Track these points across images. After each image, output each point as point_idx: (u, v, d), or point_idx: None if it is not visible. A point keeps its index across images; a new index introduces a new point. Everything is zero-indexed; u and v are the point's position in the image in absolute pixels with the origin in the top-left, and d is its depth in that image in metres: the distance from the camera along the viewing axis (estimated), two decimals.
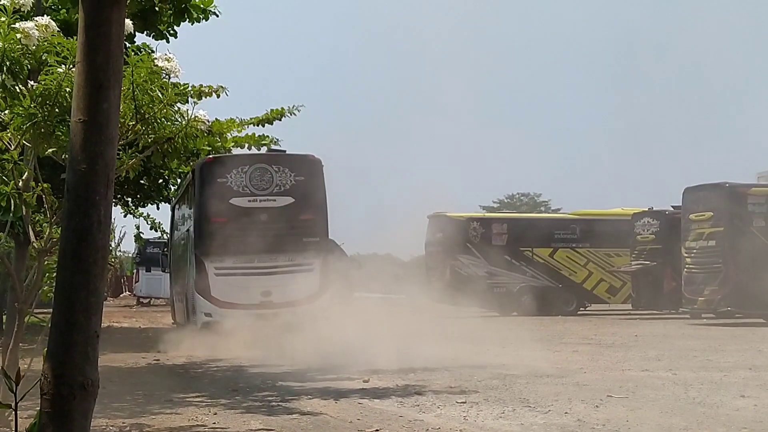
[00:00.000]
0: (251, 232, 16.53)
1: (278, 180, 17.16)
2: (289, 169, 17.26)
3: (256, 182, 17.07)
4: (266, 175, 17.15)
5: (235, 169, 16.98)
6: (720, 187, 24.30)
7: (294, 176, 17.23)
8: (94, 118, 3.03)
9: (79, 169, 3.03)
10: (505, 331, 20.80)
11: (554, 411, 8.33)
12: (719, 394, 9.47)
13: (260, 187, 17.08)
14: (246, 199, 16.95)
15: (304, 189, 17.18)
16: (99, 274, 3.08)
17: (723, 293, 23.43)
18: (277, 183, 17.16)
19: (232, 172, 16.96)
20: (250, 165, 17.09)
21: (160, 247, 38.99)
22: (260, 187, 17.08)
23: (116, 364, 13.24)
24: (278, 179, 17.17)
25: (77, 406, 3.06)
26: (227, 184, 16.85)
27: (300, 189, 17.19)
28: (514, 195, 73.28)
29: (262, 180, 17.10)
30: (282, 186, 17.16)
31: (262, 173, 17.13)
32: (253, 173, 17.06)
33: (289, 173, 17.22)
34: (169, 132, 6.08)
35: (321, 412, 8.37)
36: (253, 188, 17.03)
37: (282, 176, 17.18)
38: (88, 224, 3.01)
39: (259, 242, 16.40)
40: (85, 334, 3.05)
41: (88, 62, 3.05)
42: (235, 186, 16.94)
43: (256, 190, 17.04)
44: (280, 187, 17.15)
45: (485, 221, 31.63)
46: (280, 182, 17.17)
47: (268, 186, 17.11)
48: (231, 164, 17.01)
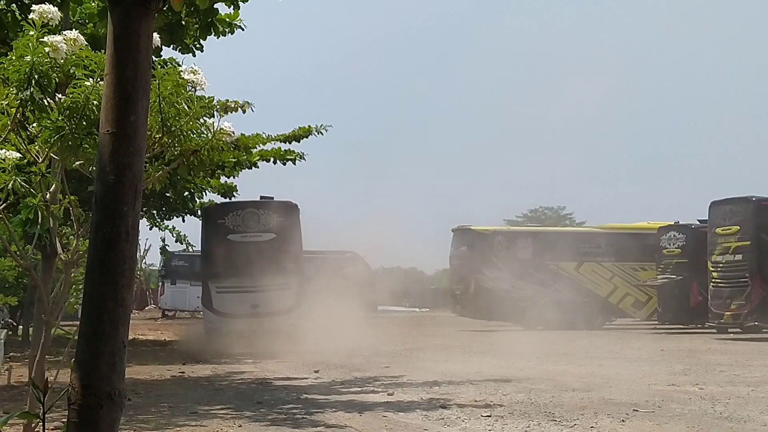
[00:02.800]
0: (243, 260, 20.91)
1: (264, 221, 21.84)
2: (272, 212, 21.94)
3: (247, 223, 21.74)
4: (255, 217, 21.84)
5: (231, 213, 21.66)
6: (746, 200, 24.15)
7: (276, 218, 21.84)
8: (122, 129, 3.05)
9: (108, 180, 3.04)
10: (530, 345, 20.73)
11: (580, 425, 8.29)
12: (746, 409, 9.39)
13: (250, 226, 21.72)
14: (239, 236, 21.56)
15: (283, 227, 21.70)
16: (126, 285, 3.09)
17: (750, 307, 23.26)
18: (263, 223, 21.82)
19: (229, 215, 21.66)
20: (242, 210, 21.80)
21: (185, 259, 39.23)
22: (250, 226, 21.72)
23: (141, 376, 13.29)
24: (264, 220, 21.85)
25: (104, 416, 3.06)
26: (225, 224, 21.58)
27: (280, 227, 21.70)
28: (538, 209, 73.11)
29: (251, 221, 21.76)
30: (266, 225, 21.80)
31: (252, 215, 21.84)
32: (245, 216, 21.79)
33: (272, 215, 21.89)
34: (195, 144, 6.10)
35: (345, 425, 8.37)
36: (244, 227, 21.70)
37: (266, 218, 21.85)
38: (116, 235, 3.02)
39: (249, 268, 20.85)
40: (112, 344, 3.06)
41: (116, 74, 3.07)
42: (231, 225, 21.62)
43: (246, 228, 21.67)
44: (265, 226, 21.78)
45: (510, 234, 31.59)
46: (265, 222, 21.83)
47: (256, 225, 21.77)
48: (228, 209, 21.58)
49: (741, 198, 24.44)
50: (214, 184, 17.84)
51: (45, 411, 3.41)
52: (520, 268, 29.93)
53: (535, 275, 30.06)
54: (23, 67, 5.13)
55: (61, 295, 5.87)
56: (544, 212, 72.38)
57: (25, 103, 5.22)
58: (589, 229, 34.50)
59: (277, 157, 16.18)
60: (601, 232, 31.85)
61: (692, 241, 27.00)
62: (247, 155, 15.93)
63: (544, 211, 72.65)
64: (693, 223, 28.09)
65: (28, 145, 5.65)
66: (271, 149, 16.29)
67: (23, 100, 5.19)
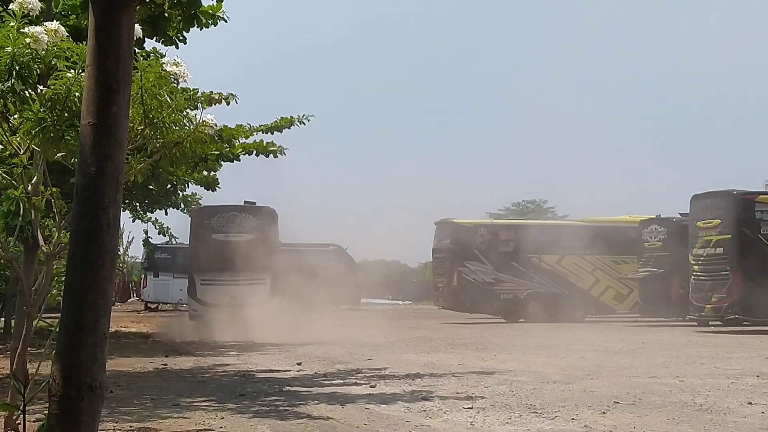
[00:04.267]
0: (225, 257, 23.40)
1: (244, 223, 24.51)
2: (252, 216, 24.69)
3: (229, 224, 24.43)
4: (236, 219, 24.52)
5: (216, 215, 24.38)
6: (727, 194, 24.27)
7: (255, 221, 24.54)
8: (103, 121, 3.05)
9: (89, 172, 3.04)
10: (512, 338, 20.81)
11: (561, 417, 8.33)
12: (727, 401, 9.46)
13: (232, 227, 24.40)
14: (222, 235, 24.21)
15: (262, 229, 24.30)
16: (108, 277, 3.09)
17: (730, 301, 23.40)
18: (244, 225, 24.46)
19: (215, 217, 24.36)
20: (226, 213, 24.53)
21: (168, 252, 39.11)
22: (232, 227, 24.40)
23: (124, 368, 13.26)
24: (244, 222, 24.53)
25: (85, 407, 3.07)
26: (211, 225, 24.29)
27: (258, 229, 24.30)
28: (521, 202, 73.24)
29: (233, 223, 24.46)
30: (247, 227, 24.43)
31: (234, 218, 24.55)
32: (228, 218, 24.51)
33: (252, 218, 24.62)
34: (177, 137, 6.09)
35: (328, 416, 8.38)
36: (227, 228, 24.37)
37: (247, 221, 24.55)
38: (97, 227, 3.03)
39: (230, 263, 23.27)
40: (93, 336, 3.06)
41: (98, 65, 3.07)
42: (216, 226, 24.33)
43: (229, 229, 24.36)
44: (245, 227, 24.43)
45: (493, 228, 31.64)
46: (245, 224, 24.48)
47: (238, 227, 24.42)
48: (214, 212, 24.27)
49: (722, 192, 24.56)
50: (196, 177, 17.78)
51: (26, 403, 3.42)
52: (502, 261, 30.03)
53: (517, 268, 30.16)
54: (4, 59, 5.11)
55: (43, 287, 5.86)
56: (526, 205, 72.50)
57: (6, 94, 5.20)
58: (571, 223, 34.61)
59: (260, 150, 16.16)
60: (583, 226, 31.97)
61: (673, 234, 27.10)
62: (230, 147, 15.90)
63: (527, 204, 72.78)
64: (674, 217, 28.20)
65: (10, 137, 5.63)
66: (253, 142, 16.26)
67: (4, 91, 5.18)
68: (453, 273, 30.14)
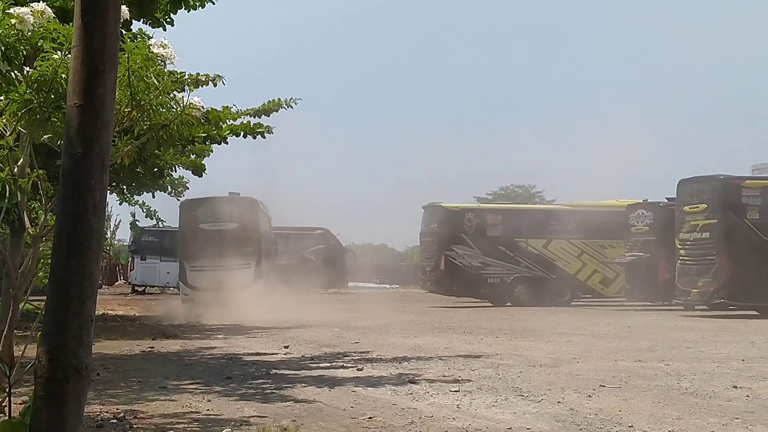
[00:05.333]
0: (212, 245, 25.19)
1: (229, 213, 26.30)
2: (236, 206, 26.56)
3: (216, 214, 26.27)
4: (221, 209, 26.30)
5: (203, 206, 26.17)
6: (714, 179, 24.34)
7: (239, 210, 26.41)
8: (89, 102, 3.04)
9: (75, 153, 3.03)
10: (499, 321, 20.87)
11: (547, 400, 8.37)
12: (712, 384, 9.52)
13: (218, 217, 26.25)
14: (209, 225, 26.15)
15: (245, 218, 26.27)
16: (94, 259, 3.08)
17: (716, 285, 23.50)
18: (229, 215, 26.27)
19: (202, 207, 26.15)
20: (212, 203, 26.35)
21: (155, 235, 39.06)
22: (218, 217, 26.25)
23: (111, 351, 13.25)
24: (229, 212, 26.31)
25: (71, 389, 3.07)
26: (198, 215, 26.16)
27: (242, 218, 26.24)
28: (509, 186, 73.34)
29: (219, 213, 26.27)
30: (231, 216, 26.24)
31: (220, 208, 26.31)
32: (214, 208, 26.30)
33: (236, 208, 26.47)
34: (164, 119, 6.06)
35: (315, 399, 8.40)
36: (213, 218, 26.25)
37: (232, 211, 26.35)
38: (84, 208, 3.01)
39: (216, 250, 24.93)
40: (79, 318, 3.06)
41: (84, 46, 3.05)
42: (203, 216, 26.23)
43: (215, 219, 26.22)
44: (230, 217, 26.24)
45: (480, 212, 31.68)
46: (230, 214, 26.28)
47: (223, 216, 26.23)
48: (201, 203, 26.04)
49: (709, 176, 24.62)
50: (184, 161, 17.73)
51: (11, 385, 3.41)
52: (489, 245, 30.11)
53: (504, 252, 30.24)
54: None
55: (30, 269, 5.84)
56: (514, 190, 72.63)
57: None
58: (558, 207, 34.69)
59: (247, 131, 16.09)
60: (569, 210, 32.03)
61: (660, 219, 27.19)
62: (217, 130, 15.83)
63: (515, 188, 72.91)
64: (661, 201, 28.28)
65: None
66: (241, 123, 16.20)
67: None
68: (440, 257, 30.20)
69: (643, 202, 28.98)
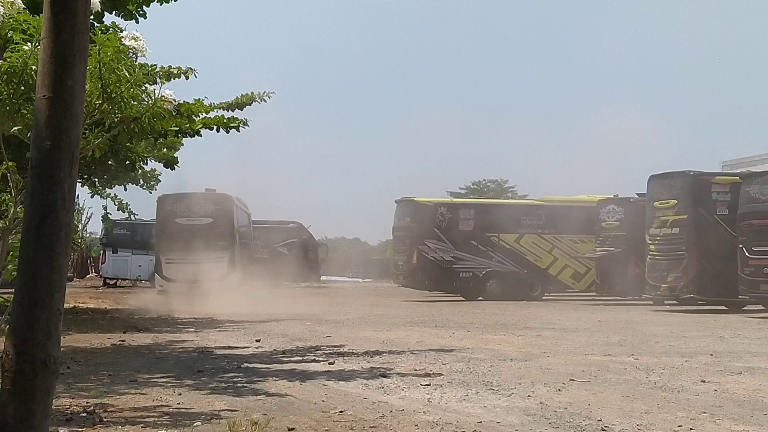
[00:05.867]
0: (187, 239, 25.97)
1: (204, 208, 27.15)
2: (211, 202, 27.35)
3: (191, 209, 27.06)
4: (197, 205, 27.12)
5: (179, 201, 27.00)
6: (684, 175, 24.52)
7: (213, 206, 27.21)
8: (59, 94, 3.02)
9: (44, 146, 3.01)
10: (471, 316, 20.94)
11: (517, 394, 8.41)
12: (680, 379, 9.60)
13: (193, 212, 27.05)
14: (185, 219, 26.88)
15: (219, 214, 27.19)
16: (62, 252, 3.07)
17: (686, 280, 23.70)
18: (203, 210, 27.13)
19: (178, 203, 27.02)
20: (188, 199, 27.18)
21: (127, 228, 38.84)
22: (193, 212, 27.05)
23: (81, 344, 13.17)
24: (204, 208, 27.16)
25: (39, 383, 3.06)
26: (174, 210, 27.02)
27: (216, 213, 27.13)
28: (481, 181, 73.58)
29: (194, 208, 27.08)
30: (206, 211, 27.10)
31: (195, 204, 27.11)
32: (190, 204, 27.10)
33: (211, 204, 27.27)
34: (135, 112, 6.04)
35: (286, 393, 8.39)
36: (189, 213, 27.02)
37: (206, 206, 27.19)
38: (52, 201, 3.00)
39: (191, 244, 25.77)
40: (47, 311, 3.05)
41: (53, 38, 3.04)
42: (179, 211, 26.99)
43: (190, 214, 27.00)
44: (205, 212, 27.10)
45: (453, 206, 31.74)
46: (205, 209, 27.13)
47: (198, 211, 27.06)
48: (177, 198, 26.98)
49: (679, 172, 24.80)
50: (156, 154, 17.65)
51: None
52: (462, 240, 30.21)
53: (476, 247, 30.34)
54: None
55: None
56: (486, 185, 72.88)
57: None
58: (530, 202, 34.82)
59: (221, 125, 16.01)
60: (541, 205, 32.18)
61: (631, 214, 27.37)
62: (190, 123, 15.75)
63: (487, 183, 73.17)
64: (632, 197, 28.46)
65: None
66: (214, 117, 16.11)
67: None
68: (413, 251, 30.26)
69: (613, 198, 29.16)
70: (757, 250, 21.77)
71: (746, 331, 16.47)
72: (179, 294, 25.15)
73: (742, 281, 22.11)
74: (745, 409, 7.65)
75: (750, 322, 19.22)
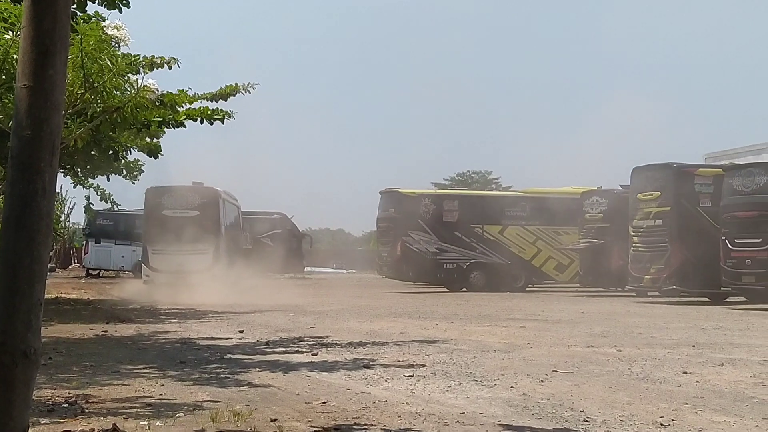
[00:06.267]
0: (173, 230, 26.16)
1: (191, 201, 27.60)
2: (197, 195, 27.84)
3: (178, 202, 27.58)
4: (184, 197, 27.66)
5: (167, 194, 27.70)
6: (668, 167, 24.59)
7: (200, 199, 27.69)
8: (39, 83, 3.00)
9: (24, 135, 2.99)
10: (454, 307, 20.97)
11: (500, 385, 8.43)
12: (662, 370, 9.63)
13: (180, 204, 27.54)
14: (171, 211, 27.38)
15: (205, 207, 27.65)
16: (43, 242, 3.05)
17: (668, 272, 23.78)
18: (190, 202, 27.58)
19: (165, 195, 27.69)
20: (175, 192, 27.75)
21: (110, 218, 38.71)
22: (180, 204, 27.54)
23: (63, 335, 13.12)
24: (191, 200, 27.62)
25: (19, 374, 3.04)
26: (162, 202, 27.60)
27: (202, 206, 27.58)
28: (466, 172, 73.64)
29: (181, 200, 27.61)
30: (192, 204, 27.55)
31: (182, 197, 27.66)
32: (177, 196, 27.66)
33: (197, 197, 27.75)
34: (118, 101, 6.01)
35: (269, 384, 8.39)
36: (176, 205, 27.54)
37: (193, 199, 27.66)
38: (32, 191, 2.98)
39: (178, 236, 26.01)
40: (28, 302, 3.02)
41: (34, 27, 3.01)
42: (166, 204, 27.57)
43: (177, 206, 27.50)
44: (191, 205, 27.54)
45: (437, 198, 31.77)
46: (191, 202, 27.59)
47: (185, 204, 27.52)
48: (165, 191, 27.70)
49: (662, 164, 24.87)
50: (139, 143, 17.55)
51: None
52: (446, 231, 30.25)
53: (460, 238, 30.40)
54: None
55: None
56: (471, 176, 72.94)
57: None
58: (514, 194, 34.87)
59: (205, 117, 15.92)
60: (525, 197, 32.26)
61: (614, 206, 27.43)
62: (174, 114, 15.65)
63: (472, 175, 73.23)
64: (615, 189, 28.54)
65: None
66: (198, 108, 16.01)
67: None
68: (397, 242, 30.28)
69: (597, 190, 29.23)
70: (740, 242, 21.86)
71: (728, 323, 16.56)
72: (165, 284, 25.52)
73: (724, 273, 22.21)
74: (727, 400, 7.68)
75: (732, 314, 19.32)
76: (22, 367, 3.02)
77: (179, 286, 24.47)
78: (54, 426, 6.17)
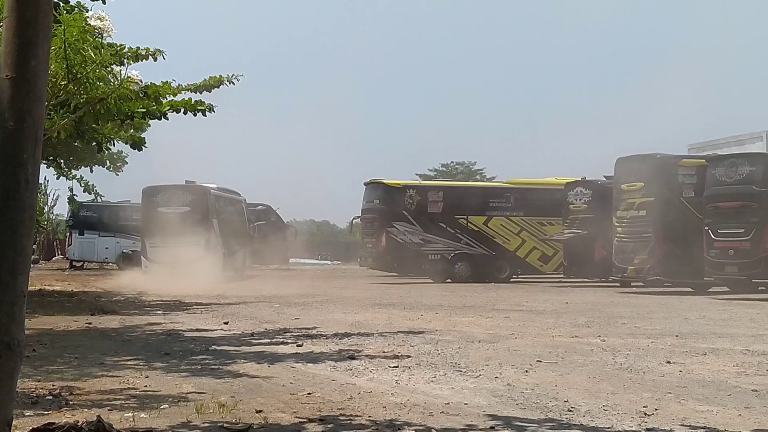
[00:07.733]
0: (168, 225, 28.54)
1: (183, 198, 30.14)
2: (188, 192, 30.49)
3: (172, 199, 30.09)
4: (176, 195, 30.23)
5: (161, 193, 30.31)
6: (651, 157, 24.67)
7: (190, 196, 30.28)
8: (22, 74, 2.98)
9: (6, 127, 2.98)
10: (439, 298, 21.00)
11: (485, 375, 8.46)
12: (646, 360, 9.69)
13: (173, 202, 30.02)
14: (166, 208, 29.80)
15: (196, 203, 30.14)
16: (26, 234, 3.04)
17: (652, 262, 23.88)
18: (182, 199, 30.07)
19: (160, 194, 30.25)
20: (169, 190, 30.39)
21: (94, 210, 38.54)
22: (173, 202, 30.02)
23: (48, 327, 13.07)
24: (182, 198, 30.15)
25: (3, 366, 3.03)
26: (157, 200, 30.19)
27: (193, 203, 30.09)
28: (450, 163, 73.64)
29: (174, 198, 30.14)
30: (184, 201, 30.03)
31: (174, 194, 30.21)
32: (171, 194, 30.23)
33: (188, 194, 30.33)
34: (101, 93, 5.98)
35: (254, 375, 8.39)
36: (169, 203, 30.02)
37: (184, 196, 30.22)
38: (15, 183, 2.96)
39: (172, 230, 28.31)
40: (11, 294, 3.01)
41: (16, 17, 2.99)
42: (161, 201, 30.07)
43: (171, 203, 29.98)
44: (183, 201, 30.03)
45: (421, 189, 31.76)
46: (183, 199, 30.09)
47: (177, 201, 30.00)
48: (160, 190, 30.39)
49: (646, 155, 24.94)
50: (123, 135, 17.48)
51: None
52: (430, 222, 30.26)
53: (445, 229, 30.42)
54: None
55: None
56: (455, 167, 72.92)
57: None
58: (499, 184, 34.92)
59: (188, 108, 15.87)
60: (509, 187, 32.31)
61: (598, 196, 27.50)
62: (157, 105, 15.59)
63: (456, 165, 73.21)
64: (599, 179, 28.62)
65: None
66: (182, 100, 15.96)
67: None
68: (381, 234, 30.28)
69: (581, 180, 29.30)
70: (723, 233, 21.98)
71: (711, 313, 16.65)
72: (161, 273, 27.36)
73: (707, 263, 22.33)
74: (710, 390, 7.74)
75: (715, 304, 19.42)
76: (6, 358, 3.01)
77: (174, 275, 26.04)
78: (38, 418, 6.15)
